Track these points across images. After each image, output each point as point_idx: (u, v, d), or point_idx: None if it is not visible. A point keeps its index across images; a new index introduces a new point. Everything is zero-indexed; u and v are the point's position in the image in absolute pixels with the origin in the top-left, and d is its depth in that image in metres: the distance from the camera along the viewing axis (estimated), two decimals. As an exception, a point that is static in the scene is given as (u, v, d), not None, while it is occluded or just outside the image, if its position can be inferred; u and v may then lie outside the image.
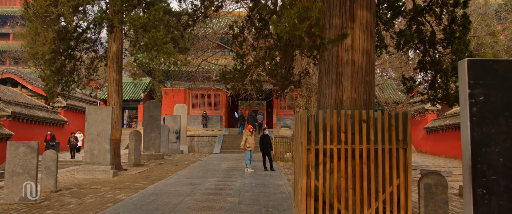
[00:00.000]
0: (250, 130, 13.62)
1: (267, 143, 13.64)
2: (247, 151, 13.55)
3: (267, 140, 13.66)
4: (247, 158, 13.54)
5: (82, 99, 30.05)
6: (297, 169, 6.19)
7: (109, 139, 12.39)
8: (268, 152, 13.70)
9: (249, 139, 13.55)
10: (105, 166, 12.27)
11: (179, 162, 17.42)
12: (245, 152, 13.62)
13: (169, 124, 23.64)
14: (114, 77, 14.03)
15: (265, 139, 13.63)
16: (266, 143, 13.63)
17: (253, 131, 13.70)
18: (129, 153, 15.89)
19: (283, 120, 30.73)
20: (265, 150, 13.67)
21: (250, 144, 13.54)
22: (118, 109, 14.07)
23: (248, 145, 13.51)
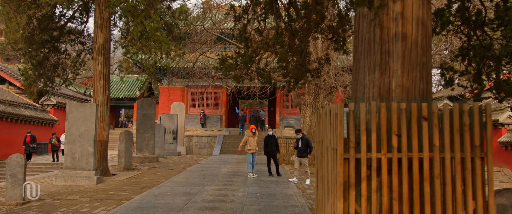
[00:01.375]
0: (252, 130, 12.02)
1: (273, 144, 12.09)
2: (249, 154, 11.98)
3: (272, 141, 12.08)
4: (248, 162, 11.97)
5: (75, 98, 28.48)
6: (323, 185, 4.63)
7: (93, 140, 10.83)
8: (274, 154, 12.13)
9: (251, 140, 11.98)
10: (88, 171, 10.70)
11: (175, 165, 15.86)
12: (246, 155, 12.03)
13: (165, 124, 22.07)
14: (101, 71, 12.46)
15: (270, 139, 12.04)
16: (272, 145, 12.06)
17: (255, 132, 12.09)
18: (119, 156, 14.32)
19: (286, 119, 29.16)
20: (270, 152, 12.11)
21: (251, 146, 11.96)
22: (105, 106, 12.50)
23: (249, 147, 11.93)
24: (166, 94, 28.49)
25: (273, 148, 12.05)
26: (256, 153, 12.12)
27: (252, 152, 11.94)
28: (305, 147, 10.96)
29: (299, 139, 11.09)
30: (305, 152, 10.97)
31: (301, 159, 11.01)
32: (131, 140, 14.45)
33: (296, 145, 11.09)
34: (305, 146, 10.95)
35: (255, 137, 12.08)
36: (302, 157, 10.96)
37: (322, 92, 17.38)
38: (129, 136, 14.41)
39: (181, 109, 24.40)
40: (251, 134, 12.02)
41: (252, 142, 11.94)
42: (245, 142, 12.06)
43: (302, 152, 10.98)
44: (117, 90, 31.58)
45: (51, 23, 13.71)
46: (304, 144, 10.98)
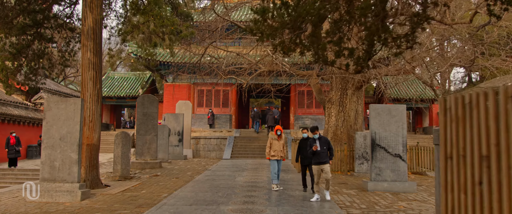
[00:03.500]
0: (277, 132, 9.61)
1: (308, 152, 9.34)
2: (273, 162, 9.55)
3: (307, 146, 9.27)
4: (273, 172, 9.59)
5: (71, 95, 26.32)
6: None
7: (77, 144, 8.55)
8: (310, 163, 9.32)
9: (275, 144, 9.60)
10: (71, 184, 8.42)
11: (181, 173, 13.56)
12: (270, 163, 9.64)
13: (170, 124, 19.81)
14: (90, 59, 10.18)
15: (306, 144, 9.35)
16: (307, 152, 9.16)
17: (281, 134, 9.63)
18: (114, 162, 12.05)
19: (301, 119, 26.78)
20: (305, 160, 9.43)
21: (276, 152, 9.56)
22: (96, 103, 10.22)
23: (273, 152, 9.53)
24: (171, 92, 26.25)
25: (308, 156, 9.29)
26: (282, 160, 9.65)
27: (277, 159, 9.53)
28: (326, 149, 8.49)
29: (316, 140, 8.47)
30: (326, 156, 8.44)
31: (322, 166, 8.31)
32: (128, 143, 12.17)
33: (312, 148, 8.30)
34: (326, 148, 8.50)
35: (280, 140, 9.65)
36: (323, 163, 8.30)
37: (350, 87, 15.01)
38: (126, 138, 12.13)
39: (188, 108, 22.13)
40: (276, 136, 9.62)
41: (277, 146, 9.56)
42: (269, 145, 9.62)
43: (323, 157, 8.37)
44: (119, 88, 29.41)
45: (33, 4, 11.49)
46: (324, 146, 8.46)
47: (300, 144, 9.56)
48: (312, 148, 8.35)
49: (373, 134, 10.50)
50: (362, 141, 13.59)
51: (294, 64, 19.52)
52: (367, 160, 13.36)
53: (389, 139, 10.51)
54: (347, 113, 15.03)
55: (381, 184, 10.16)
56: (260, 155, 20.35)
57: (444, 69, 13.72)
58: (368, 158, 13.37)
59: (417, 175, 13.58)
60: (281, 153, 9.56)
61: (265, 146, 21.67)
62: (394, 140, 10.51)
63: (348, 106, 15.02)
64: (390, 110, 10.63)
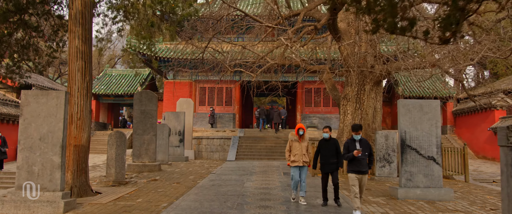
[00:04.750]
0: (299, 131, 7.75)
1: (331, 154, 7.54)
2: (294, 169, 7.77)
3: (330, 147, 7.58)
4: (293, 180, 7.81)
5: (67, 94, 24.97)
6: None
7: (60, 146, 7.23)
8: (332, 169, 7.56)
9: (296, 146, 7.74)
10: (52, 193, 7.10)
11: (182, 177, 12.22)
12: (291, 170, 7.85)
13: (170, 123, 18.48)
14: (78, 48, 8.85)
15: (327, 146, 7.61)
16: (329, 154, 7.54)
17: (303, 134, 7.76)
18: (107, 165, 10.71)
19: (309, 118, 25.43)
20: (327, 166, 7.56)
21: (297, 157, 7.69)
22: (85, 98, 8.88)
23: (293, 157, 7.74)
24: (171, 89, 24.92)
25: (332, 160, 7.57)
26: (306, 167, 7.80)
27: (299, 165, 7.69)
28: (367, 155, 6.97)
29: (356, 142, 6.94)
30: (367, 163, 6.95)
31: (362, 176, 6.91)
32: (123, 144, 10.83)
33: (353, 153, 6.78)
34: (369, 153, 6.99)
35: (303, 141, 7.76)
36: (363, 173, 6.90)
37: (368, 82, 13.67)
38: (121, 138, 10.79)
39: (189, 106, 20.80)
40: (297, 137, 7.78)
41: (298, 149, 7.71)
42: (288, 148, 7.88)
43: (364, 165, 6.88)
44: (116, 86, 28.08)
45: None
46: (366, 151, 6.92)
47: (320, 146, 7.79)
48: (353, 152, 6.82)
49: (402, 133, 9.15)
50: (383, 141, 12.25)
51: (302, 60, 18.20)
52: (389, 162, 12.02)
53: (421, 139, 9.17)
54: (364, 110, 13.68)
55: (413, 191, 8.82)
56: (267, 156, 19.01)
57: (475, 62, 12.34)
58: (391, 160, 12.03)
59: (444, 179, 12.23)
60: (304, 158, 7.70)
61: (272, 147, 20.46)
62: (427, 140, 9.17)
63: (365, 103, 13.68)
64: (422, 105, 9.29)
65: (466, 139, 23.42)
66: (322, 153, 7.67)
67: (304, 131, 7.82)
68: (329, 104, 25.66)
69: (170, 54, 24.06)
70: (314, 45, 17.22)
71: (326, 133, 7.67)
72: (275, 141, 20.77)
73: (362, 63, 13.54)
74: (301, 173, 7.79)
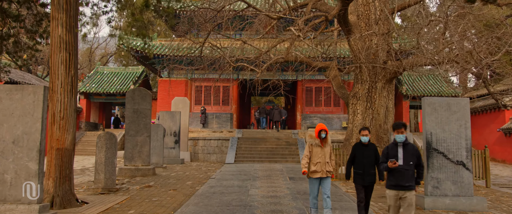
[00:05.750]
0: (321, 134, 6.30)
1: (370, 163, 6.10)
2: (313, 181, 6.32)
3: (369, 154, 6.12)
4: (312, 195, 6.36)
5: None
6: None
7: (38, 150, 6.13)
8: (371, 182, 6.08)
9: (318, 152, 6.29)
10: (28, 206, 6.01)
11: (179, 182, 11.15)
12: (309, 182, 6.44)
13: (165, 123, 17.38)
14: (62, 37, 7.73)
15: (365, 152, 6.12)
16: (367, 163, 6.09)
17: (326, 136, 6.35)
18: (96, 170, 9.60)
19: (309, 118, 24.42)
20: (364, 178, 6.05)
21: (318, 166, 6.23)
22: (69, 94, 7.78)
23: (314, 167, 6.25)
24: (166, 88, 23.78)
25: (371, 170, 6.07)
26: (329, 178, 6.36)
27: (321, 176, 6.26)
28: (413, 165, 5.29)
29: (399, 146, 5.34)
30: (413, 176, 5.28)
31: (406, 192, 5.21)
32: (114, 146, 9.72)
33: (388, 164, 5.26)
34: (416, 163, 5.32)
35: (325, 146, 6.36)
36: (407, 188, 5.20)
37: (380, 79, 12.68)
38: (111, 140, 9.68)
39: (185, 105, 19.71)
40: (317, 140, 6.33)
41: (319, 155, 6.27)
42: (308, 154, 6.36)
43: (408, 177, 5.20)
44: (108, 84, 26.88)
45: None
46: (411, 159, 5.26)
47: (355, 151, 6.24)
48: (388, 162, 5.25)
49: (428, 135, 8.17)
50: (398, 143, 11.26)
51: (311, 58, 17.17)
52: (405, 166, 11.01)
53: (448, 141, 8.20)
54: (376, 109, 12.70)
55: (441, 200, 7.83)
56: (268, 159, 17.96)
57: (499, 57, 11.39)
58: (407, 164, 11.03)
59: (465, 185, 11.25)
60: (328, 167, 6.31)
61: (273, 148, 19.34)
62: (456, 142, 8.20)
63: (377, 102, 12.70)
64: (450, 104, 8.33)
65: (473, 140, 22.55)
66: (358, 160, 6.14)
67: (326, 133, 6.35)
68: (330, 104, 24.70)
69: (165, 51, 22.94)
70: (321, 39, 16.19)
71: (366, 136, 6.17)
72: (276, 142, 19.73)
73: (374, 59, 12.56)
74: (323, 185, 6.33)
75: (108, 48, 39.73)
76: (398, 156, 5.29)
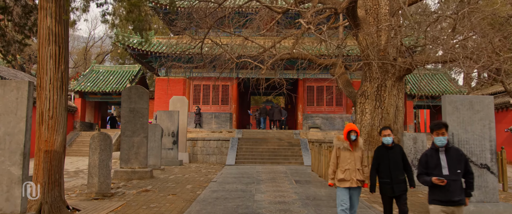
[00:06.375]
0: (351, 135, 5.41)
1: (398, 168, 5.29)
2: (342, 190, 5.37)
3: (395, 158, 5.33)
4: (341, 208, 5.36)
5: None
6: None
7: (22, 153, 5.47)
8: (402, 191, 5.26)
9: (347, 157, 5.41)
10: (10, 217, 5.32)
11: (178, 185, 10.48)
12: (337, 191, 5.48)
13: (163, 123, 16.71)
14: (51, 29, 7.06)
15: (391, 156, 5.33)
16: (394, 168, 5.27)
17: (357, 138, 5.45)
18: (89, 174, 8.92)
19: (311, 118, 23.80)
20: (390, 187, 5.26)
21: (347, 174, 5.34)
22: (59, 91, 7.09)
23: (342, 175, 5.34)
24: (164, 87, 23.10)
25: (399, 176, 5.26)
26: (360, 188, 5.48)
27: (351, 186, 5.34)
28: (461, 174, 4.36)
29: (440, 151, 4.38)
30: (462, 187, 4.35)
31: (456, 209, 4.33)
32: (108, 148, 9.04)
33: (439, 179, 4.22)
34: (464, 170, 4.39)
35: (356, 149, 5.45)
36: (456, 203, 4.29)
37: (390, 77, 12.05)
38: (106, 141, 9.00)
39: (183, 104, 19.04)
40: (346, 143, 5.43)
41: (349, 161, 5.37)
42: (335, 161, 5.48)
43: (455, 189, 4.27)
44: (104, 83, 26.15)
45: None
46: (458, 168, 4.33)
47: (378, 156, 5.41)
48: (432, 176, 4.26)
49: (449, 136, 7.53)
50: (411, 144, 10.69)
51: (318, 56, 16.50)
52: (418, 169, 10.41)
53: (471, 143, 7.59)
54: (385, 109, 12.06)
55: (465, 207, 7.20)
56: (270, 160, 17.31)
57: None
58: (420, 166, 10.43)
59: (481, 188, 10.64)
60: (359, 175, 5.36)
61: (275, 149, 18.64)
62: (479, 144, 7.60)
63: (386, 101, 12.05)
64: (472, 102, 7.72)
65: (478, 140, 22.00)
66: (384, 167, 5.29)
67: (357, 134, 5.39)
68: (332, 104, 24.08)
69: (162, 49, 22.24)
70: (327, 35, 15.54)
71: (388, 137, 5.32)
72: (277, 143, 19.08)
73: (383, 55, 11.92)
74: (352, 197, 5.40)
75: (104, 46, 38.96)
76: (441, 165, 4.32)
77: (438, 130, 4.40)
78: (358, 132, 5.46)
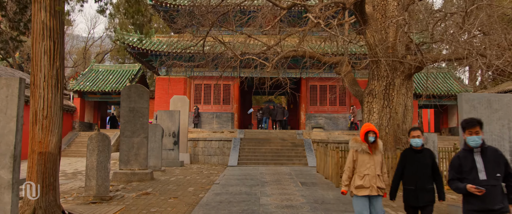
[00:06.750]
0: (368, 137, 4.79)
1: (426, 174, 4.58)
2: (360, 199, 4.74)
3: (424, 162, 4.61)
4: None
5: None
6: None
7: (12, 156, 5.09)
8: (429, 201, 4.55)
9: (365, 162, 4.77)
10: (-1, 225, 4.91)
11: (179, 187, 10.08)
12: (353, 201, 4.86)
13: (163, 123, 16.31)
14: (45, 23, 6.66)
15: (421, 160, 4.62)
16: (422, 174, 4.57)
17: (376, 140, 4.82)
18: (87, 176, 8.52)
19: (314, 118, 23.39)
20: (418, 198, 4.53)
21: (366, 179, 4.71)
22: (54, 89, 6.69)
23: (360, 181, 4.69)
24: (164, 86, 22.70)
25: (426, 185, 4.57)
26: (381, 197, 4.81)
27: (370, 194, 4.71)
28: (501, 178, 3.82)
29: (475, 153, 3.91)
30: (503, 193, 3.82)
31: None
32: (107, 149, 8.64)
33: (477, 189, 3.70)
34: (505, 172, 3.85)
35: (375, 153, 4.83)
36: (499, 213, 3.73)
37: (399, 75, 11.65)
38: (104, 142, 8.60)
39: (184, 104, 18.64)
40: (365, 146, 4.82)
41: (368, 166, 4.74)
42: (351, 165, 4.83)
43: (496, 197, 3.75)
44: (103, 82, 25.74)
45: None
46: (498, 171, 3.82)
47: (404, 159, 4.74)
48: (467, 183, 3.79)
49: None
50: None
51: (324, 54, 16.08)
52: (430, 171, 10.00)
53: (489, 144, 7.16)
54: (394, 108, 11.65)
55: None
56: (273, 161, 16.90)
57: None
58: (431, 168, 10.02)
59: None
60: (379, 182, 4.73)
61: (278, 150, 18.22)
62: (498, 145, 7.18)
63: (395, 100, 11.64)
64: (491, 101, 7.32)
65: (485, 140, 21.60)
66: (409, 172, 4.62)
67: (376, 135, 4.80)
68: (336, 103, 23.68)
69: (163, 48, 21.84)
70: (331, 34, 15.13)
71: (418, 139, 4.63)
72: (281, 143, 18.67)
73: (391, 52, 11.52)
74: (373, 207, 4.75)
75: (104, 46, 38.56)
76: (476, 168, 3.81)
77: (471, 129, 3.90)
78: (377, 132, 4.86)
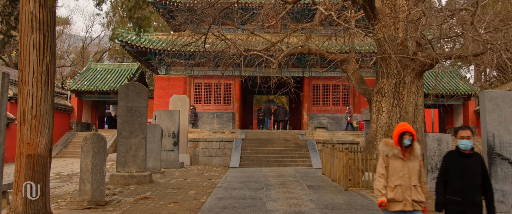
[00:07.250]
0: (404, 140, 3.98)
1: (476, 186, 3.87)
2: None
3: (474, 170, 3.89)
4: None
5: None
6: None
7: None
8: None
9: (398, 168, 3.98)
10: (-22, 236, 4.37)
11: (179, 191, 9.55)
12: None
13: (163, 123, 15.78)
14: (34, 14, 6.13)
15: (470, 165, 3.90)
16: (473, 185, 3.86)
17: (412, 144, 4.01)
18: (81, 179, 7.97)
19: (317, 118, 22.87)
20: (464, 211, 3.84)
21: (397, 191, 3.92)
22: (43, 86, 6.16)
23: (392, 193, 3.92)
24: (163, 86, 22.19)
25: (475, 196, 3.86)
26: (419, 212, 3.93)
27: (404, 209, 3.91)
28: None
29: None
30: None
31: None
32: (102, 151, 8.10)
33: None
34: None
35: (411, 159, 4.01)
36: None
37: (409, 73, 11.13)
38: (99, 143, 8.06)
39: (184, 103, 18.10)
40: (398, 150, 4.02)
41: (402, 173, 3.96)
42: (383, 172, 4.03)
43: None
44: (101, 81, 25.20)
45: None
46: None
47: (447, 164, 4.06)
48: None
49: (490, 137, 6.63)
50: (435, 146, 9.77)
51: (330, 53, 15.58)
52: (444, 173, 9.47)
53: (515, 145, 6.66)
54: (404, 107, 11.15)
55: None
56: (276, 162, 16.38)
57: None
58: (446, 170, 9.51)
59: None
60: (415, 194, 3.93)
61: (281, 151, 17.62)
62: (524, 146, 6.66)
63: (405, 98, 11.14)
64: (516, 99, 6.79)
65: (492, 141, 21.08)
66: (454, 179, 3.95)
67: (414, 137, 4.05)
68: (339, 103, 23.17)
69: (162, 46, 21.32)
70: (336, 31, 14.63)
71: (468, 140, 3.95)
72: (284, 144, 18.15)
73: (401, 49, 11.01)
74: None
75: (102, 44, 38.03)
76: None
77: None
78: (414, 134, 4.05)
